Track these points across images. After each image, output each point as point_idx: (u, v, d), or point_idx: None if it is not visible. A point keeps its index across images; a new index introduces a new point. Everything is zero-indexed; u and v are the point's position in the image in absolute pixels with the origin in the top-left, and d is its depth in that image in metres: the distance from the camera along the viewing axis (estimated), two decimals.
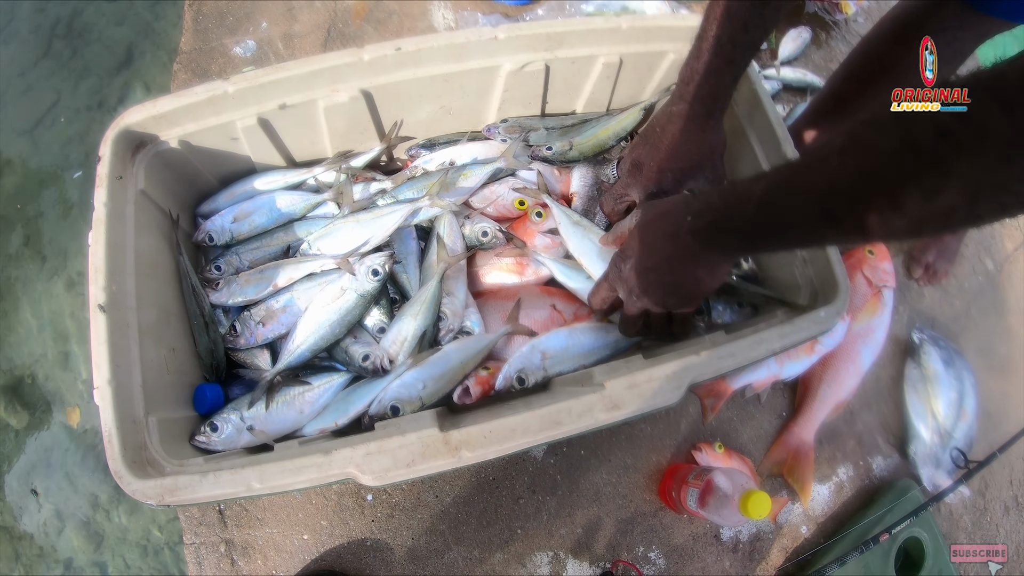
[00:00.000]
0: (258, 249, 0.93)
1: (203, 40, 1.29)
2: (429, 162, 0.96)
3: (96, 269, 0.75)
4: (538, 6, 1.34)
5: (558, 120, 1.01)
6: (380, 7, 1.33)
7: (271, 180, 0.94)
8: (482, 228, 0.92)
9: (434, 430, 0.67)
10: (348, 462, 0.66)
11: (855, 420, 1.20)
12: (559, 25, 0.86)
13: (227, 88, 0.83)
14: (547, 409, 0.69)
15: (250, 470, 0.67)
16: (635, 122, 1.01)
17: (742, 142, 0.91)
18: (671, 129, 0.76)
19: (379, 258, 0.86)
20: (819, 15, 1.50)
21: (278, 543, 1.04)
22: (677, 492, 1.03)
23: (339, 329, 0.85)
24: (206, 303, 0.89)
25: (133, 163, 0.85)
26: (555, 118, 1.02)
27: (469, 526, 1.05)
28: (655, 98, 1.01)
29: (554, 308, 0.92)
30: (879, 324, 1.19)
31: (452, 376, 0.84)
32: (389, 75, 0.85)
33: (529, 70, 0.88)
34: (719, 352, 0.75)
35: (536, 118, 1.01)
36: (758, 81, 0.90)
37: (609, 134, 1.00)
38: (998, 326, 1.32)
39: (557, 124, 1.00)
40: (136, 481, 0.67)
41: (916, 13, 0.95)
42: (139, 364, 0.76)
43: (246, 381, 0.90)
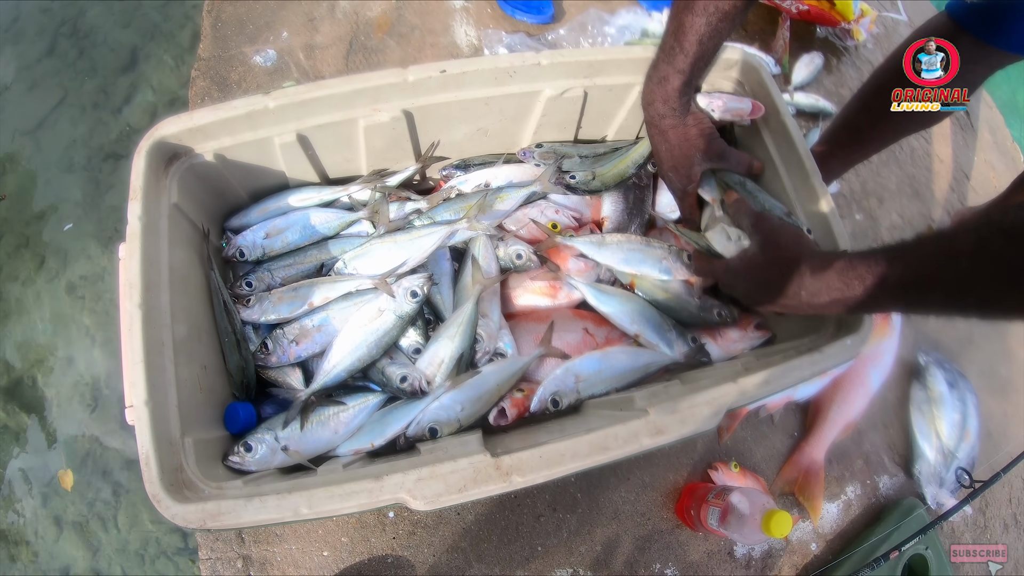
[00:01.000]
0: (291, 266, 0.92)
1: (222, 47, 1.28)
2: (464, 183, 0.97)
3: (131, 284, 0.73)
4: (559, 26, 1.36)
5: (591, 148, 1.02)
6: (402, 21, 1.33)
7: (305, 197, 0.94)
8: (516, 251, 0.93)
9: (485, 456, 0.67)
10: (399, 487, 0.66)
11: (863, 440, 1.23)
12: (600, 53, 0.88)
13: (267, 103, 0.82)
14: (595, 435, 0.69)
15: (298, 495, 0.66)
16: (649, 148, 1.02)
17: (771, 171, 0.93)
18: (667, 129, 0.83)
19: (418, 279, 0.86)
20: (830, 41, 1.54)
21: (297, 560, 1.03)
22: (696, 510, 1.05)
23: (376, 350, 0.85)
24: (237, 320, 0.88)
25: (167, 175, 0.84)
26: (588, 146, 1.03)
27: (490, 543, 1.05)
28: None
29: (586, 331, 0.93)
30: (888, 347, 1.22)
31: (489, 398, 0.85)
32: (431, 96, 0.85)
33: (568, 96, 0.89)
34: (755, 379, 0.76)
35: (570, 144, 1.02)
36: (786, 112, 0.92)
37: (628, 163, 1.01)
38: (999, 349, 1.37)
39: (590, 152, 1.01)
40: (176, 505, 0.65)
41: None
42: (174, 383, 0.74)
43: (277, 400, 0.90)
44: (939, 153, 1.52)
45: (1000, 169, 1.57)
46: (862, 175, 1.42)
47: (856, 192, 1.41)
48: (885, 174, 1.44)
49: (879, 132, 1.13)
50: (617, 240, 0.94)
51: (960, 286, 0.55)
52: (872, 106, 1.11)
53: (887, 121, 1.09)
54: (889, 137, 1.15)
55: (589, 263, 0.95)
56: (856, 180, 1.41)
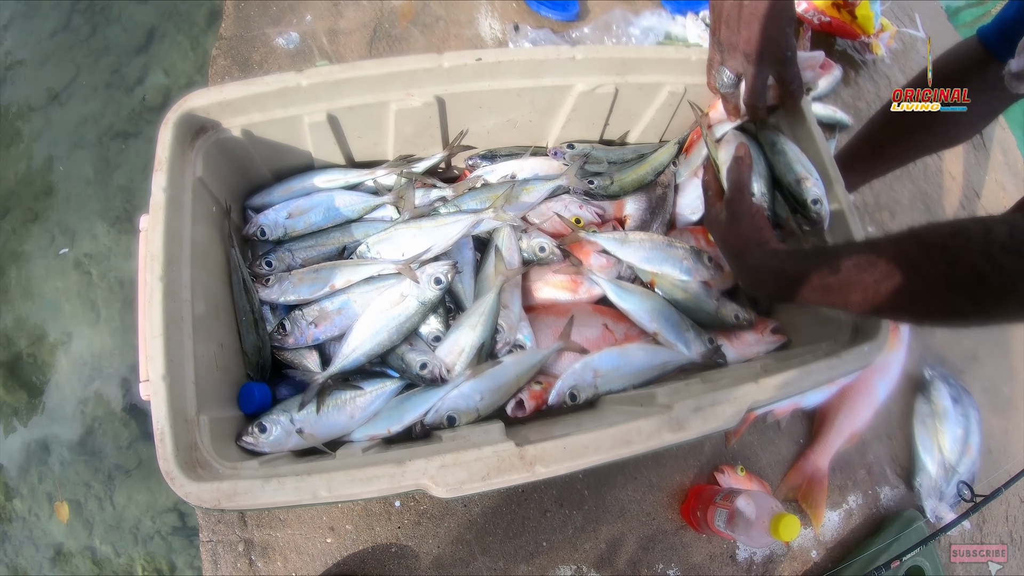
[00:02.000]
0: (312, 248, 0.91)
1: (244, 28, 1.27)
2: (491, 173, 0.97)
3: (152, 257, 0.72)
4: (584, 24, 1.36)
5: (620, 154, 1.02)
6: (427, 11, 1.33)
7: (330, 179, 0.93)
8: (540, 243, 0.93)
9: (510, 444, 0.67)
10: (422, 473, 0.65)
11: (867, 451, 1.24)
12: (633, 52, 0.88)
13: (300, 81, 0.81)
14: (618, 428, 0.69)
15: (317, 478, 0.65)
16: (670, 156, 1.02)
17: None
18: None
19: (442, 266, 0.85)
20: (849, 54, 1.55)
21: (300, 545, 1.02)
22: (703, 512, 1.05)
23: (397, 336, 0.84)
24: (256, 299, 0.87)
25: (192, 149, 0.83)
26: (618, 150, 1.03)
27: (496, 537, 1.05)
28: (687, 130, 1.04)
29: (605, 327, 0.93)
30: (895, 359, 1.23)
31: (507, 389, 0.84)
32: (465, 84, 0.85)
33: (600, 92, 0.89)
34: (775, 380, 0.77)
35: (601, 148, 1.02)
36: (812, 120, 0.93)
37: (647, 170, 1.01)
38: (1002, 367, 1.39)
39: (619, 158, 1.02)
40: (190, 483, 0.64)
41: (959, 71, 0.98)
42: (192, 359, 0.73)
43: (293, 382, 0.89)
44: (951, 170, 1.54)
45: (1010, 189, 1.59)
46: (876, 188, 1.43)
47: (869, 204, 1.42)
48: (898, 188, 1.46)
49: (901, 149, 1.14)
50: (640, 238, 0.94)
51: (875, 289, 0.60)
52: (895, 123, 1.12)
53: (908, 138, 1.10)
54: (909, 155, 1.16)
55: (611, 259, 0.95)
56: (870, 193, 1.42)
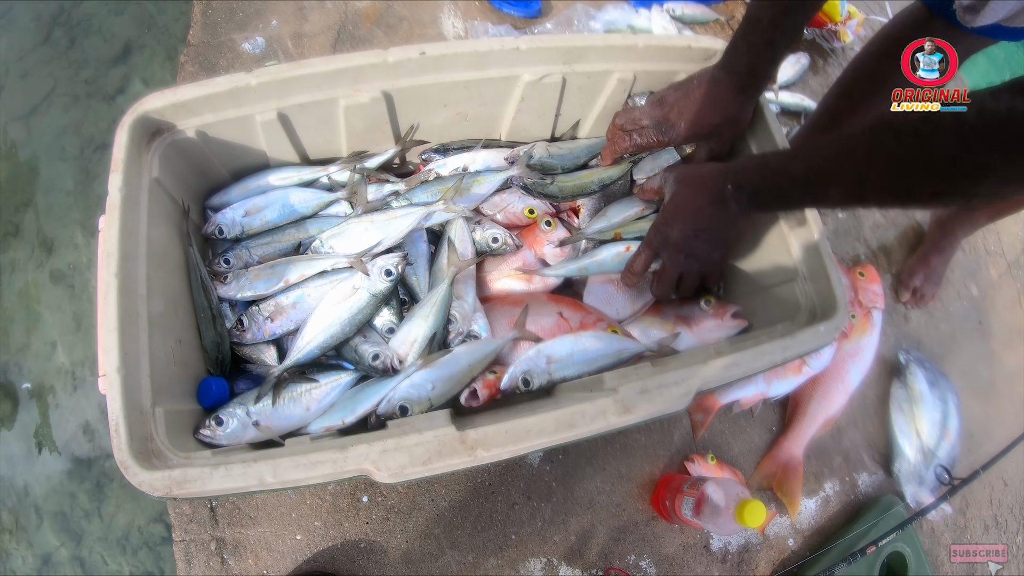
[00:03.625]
0: (268, 244, 0.92)
1: (212, 34, 1.29)
2: (443, 167, 0.97)
3: (108, 254, 0.74)
4: (547, 20, 1.37)
5: (572, 157, 1.03)
6: (391, 12, 1.34)
7: (285, 176, 0.94)
8: (492, 234, 0.94)
9: (451, 429, 0.67)
10: (364, 458, 0.66)
11: (842, 437, 1.23)
12: (579, 40, 0.89)
13: (250, 80, 0.83)
14: (562, 411, 0.70)
15: (263, 464, 0.66)
16: (621, 173, 1.02)
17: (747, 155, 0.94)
18: (706, 88, 0.86)
19: (392, 258, 0.86)
20: (817, 42, 1.56)
21: (270, 543, 1.02)
22: (671, 501, 1.04)
23: (349, 328, 0.85)
24: (214, 296, 0.89)
25: (149, 150, 0.85)
26: (569, 155, 1.03)
27: (464, 530, 1.05)
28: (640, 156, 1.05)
29: (561, 316, 0.93)
30: (868, 344, 1.22)
31: (460, 378, 0.85)
32: (412, 78, 0.86)
33: (547, 82, 0.90)
34: (724, 362, 0.77)
35: (556, 154, 1.02)
36: (765, 104, 0.93)
37: (593, 179, 1.01)
38: (981, 350, 1.37)
39: (572, 163, 1.03)
40: (143, 472, 0.65)
41: (905, 31, 0.99)
42: (147, 354, 0.75)
43: (251, 376, 0.90)
44: None
45: None
46: None
47: None
48: None
49: (858, 117, 1.13)
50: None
51: (857, 177, 0.63)
52: (851, 91, 1.12)
53: (865, 105, 1.10)
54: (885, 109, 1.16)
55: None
56: None
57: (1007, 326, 1.43)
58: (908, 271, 1.37)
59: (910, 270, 1.36)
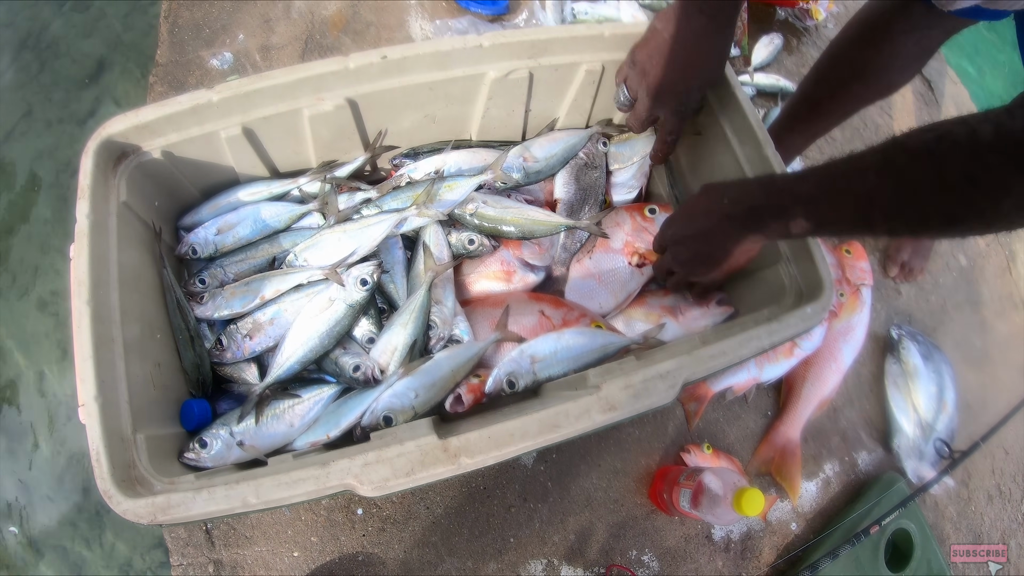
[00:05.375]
0: (243, 261, 0.91)
1: (179, 52, 1.27)
2: (414, 171, 0.96)
3: (79, 282, 0.73)
4: (514, 16, 1.35)
5: (550, 171, 1.02)
6: (357, 19, 1.33)
7: (255, 191, 0.93)
8: (468, 236, 0.92)
9: (432, 437, 0.66)
10: (346, 473, 0.65)
11: (839, 417, 1.22)
12: (543, 33, 0.87)
13: (211, 97, 0.82)
14: (545, 412, 0.68)
15: (245, 485, 0.65)
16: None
17: (723, 145, 0.93)
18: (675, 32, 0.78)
19: (367, 268, 0.85)
20: (790, 22, 1.54)
21: (268, 561, 1.01)
22: (669, 494, 1.03)
23: (328, 340, 0.84)
24: (191, 317, 0.87)
25: (115, 174, 0.84)
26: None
27: (461, 537, 1.04)
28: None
29: (542, 314, 0.92)
30: (859, 321, 1.21)
31: (444, 384, 0.84)
32: (375, 83, 0.85)
33: (513, 78, 0.89)
34: (710, 351, 0.76)
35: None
36: (737, 86, 0.92)
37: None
38: (973, 319, 1.37)
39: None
40: (126, 500, 0.65)
41: (883, 15, 0.98)
42: (125, 380, 0.74)
43: (234, 395, 0.89)
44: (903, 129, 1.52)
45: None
46: (827, 153, 1.41)
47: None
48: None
49: (837, 103, 1.12)
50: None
51: (868, 199, 0.59)
52: (830, 78, 1.11)
53: (845, 91, 1.09)
54: (848, 108, 1.14)
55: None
56: (820, 159, 1.40)
57: (997, 294, 1.42)
58: (895, 246, 1.36)
59: (897, 245, 1.35)
